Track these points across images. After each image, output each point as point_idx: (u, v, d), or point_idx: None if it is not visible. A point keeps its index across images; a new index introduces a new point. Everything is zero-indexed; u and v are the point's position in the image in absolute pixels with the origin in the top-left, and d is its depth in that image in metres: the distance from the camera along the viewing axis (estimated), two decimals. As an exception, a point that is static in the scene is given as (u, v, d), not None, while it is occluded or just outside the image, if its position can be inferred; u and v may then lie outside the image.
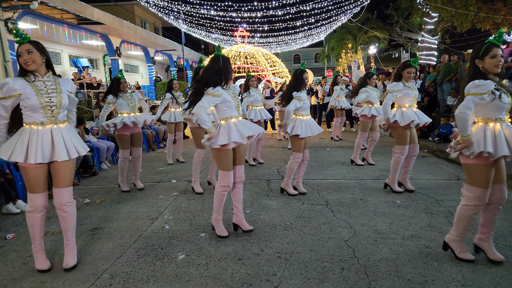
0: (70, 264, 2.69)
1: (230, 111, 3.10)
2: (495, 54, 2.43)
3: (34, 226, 2.65)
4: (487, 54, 2.44)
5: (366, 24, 22.37)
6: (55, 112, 2.58)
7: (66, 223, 2.70)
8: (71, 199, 2.70)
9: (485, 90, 2.37)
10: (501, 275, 2.43)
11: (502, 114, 2.47)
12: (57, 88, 2.60)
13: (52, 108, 2.56)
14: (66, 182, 2.65)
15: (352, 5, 14.47)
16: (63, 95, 2.62)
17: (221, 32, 16.97)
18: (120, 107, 4.69)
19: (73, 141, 2.67)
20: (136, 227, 3.50)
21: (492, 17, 15.96)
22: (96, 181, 5.52)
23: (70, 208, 2.69)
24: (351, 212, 3.76)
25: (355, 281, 2.41)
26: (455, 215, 2.65)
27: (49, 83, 2.59)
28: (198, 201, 4.29)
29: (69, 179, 2.68)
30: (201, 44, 30.76)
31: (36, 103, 2.49)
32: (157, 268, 2.68)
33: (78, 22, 11.92)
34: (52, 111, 2.56)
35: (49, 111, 2.55)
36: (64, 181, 2.65)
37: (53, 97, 2.56)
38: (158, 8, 13.76)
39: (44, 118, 2.55)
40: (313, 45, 26.34)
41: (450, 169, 5.56)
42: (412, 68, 4.19)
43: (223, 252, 2.91)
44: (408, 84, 4.24)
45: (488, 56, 2.44)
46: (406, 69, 4.19)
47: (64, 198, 2.65)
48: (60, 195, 2.64)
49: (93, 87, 12.27)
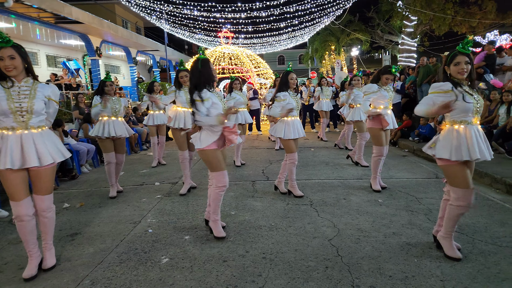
0: (50, 264, 2.70)
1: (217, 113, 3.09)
2: (459, 62, 2.56)
3: (22, 233, 2.62)
4: (452, 61, 2.60)
5: (349, 27, 22.71)
6: (26, 118, 2.51)
7: (46, 228, 2.69)
8: (51, 205, 2.68)
9: (442, 89, 2.56)
10: (478, 269, 2.51)
11: (468, 116, 2.57)
12: (31, 94, 2.53)
13: (22, 113, 2.49)
14: (45, 189, 2.61)
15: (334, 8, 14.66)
16: (36, 100, 2.53)
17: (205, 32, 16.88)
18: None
19: (48, 147, 2.59)
20: (118, 231, 3.43)
21: (468, 21, 16.51)
22: (76, 184, 5.39)
23: (50, 214, 2.68)
24: (335, 211, 3.80)
25: (338, 279, 2.44)
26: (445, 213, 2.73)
27: (24, 88, 2.52)
28: (182, 203, 4.25)
29: (48, 186, 2.64)
30: (185, 44, 30.49)
31: (6, 108, 2.43)
32: (140, 273, 2.63)
33: (55, 21, 11.59)
34: (23, 116, 2.50)
35: (19, 116, 2.48)
36: (43, 188, 2.61)
37: (24, 102, 2.49)
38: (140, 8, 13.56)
39: (14, 123, 2.49)
40: (297, 46, 26.53)
41: (430, 168, 5.70)
42: (391, 75, 4.33)
43: (207, 254, 2.88)
44: (384, 87, 4.37)
45: (452, 63, 2.60)
46: (385, 75, 4.32)
47: (44, 205, 2.63)
48: (40, 202, 2.61)
49: (72, 88, 11.98)
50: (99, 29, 13.18)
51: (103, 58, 17.59)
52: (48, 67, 15.66)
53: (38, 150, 2.54)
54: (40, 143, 2.56)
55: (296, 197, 4.33)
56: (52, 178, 2.68)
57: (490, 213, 3.61)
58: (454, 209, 2.62)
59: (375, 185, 4.52)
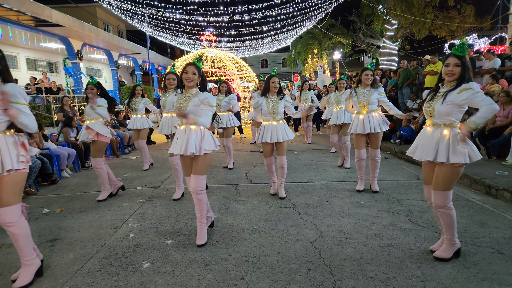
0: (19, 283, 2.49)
1: None
2: (448, 63, 2.57)
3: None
4: (444, 62, 2.62)
5: (331, 30, 23.00)
6: None
7: (15, 242, 2.49)
8: (13, 219, 2.42)
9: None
10: (458, 269, 2.56)
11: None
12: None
13: None
14: (4, 201, 2.38)
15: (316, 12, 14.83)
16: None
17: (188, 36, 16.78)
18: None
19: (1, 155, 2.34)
20: (99, 237, 3.36)
21: (447, 25, 16.96)
22: (56, 189, 5.26)
23: (13, 229, 2.42)
24: (318, 213, 3.83)
25: (320, 282, 2.45)
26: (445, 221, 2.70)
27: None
28: (165, 207, 4.20)
29: (8, 198, 2.39)
30: (168, 48, 30.25)
31: None
32: (120, 278, 2.58)
33: (35, 24, 11.33)
34: None
35: None
36: (2, 200, 2.38)
37: None
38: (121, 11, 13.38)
39: None
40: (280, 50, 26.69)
41: (411, 170, 5.82)
42: (369, 71, 4.38)
43: (189, 258, 2.86)
44: (359, 90, 4.44)
45: (444, 64, 2.62)
46: (364, 73, 4.40)
47: (4, 218, 2.39)
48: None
49: (53, 91, 11.71)
50: (80, 32, 12.95)
51: (85, 62, 17.29)
52: (28, 70, 15.28)
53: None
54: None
55: (281, 199, 4.38)
56: (11, 188, 2.41)
57: (470, 214, 3.70)
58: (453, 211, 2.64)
59: (358, 186, 4.68)
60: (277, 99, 4.25)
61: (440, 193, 2.59)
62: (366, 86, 4.41)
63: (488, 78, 7.07)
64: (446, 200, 2.59)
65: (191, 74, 3.04)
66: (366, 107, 4.41)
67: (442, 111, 2.54)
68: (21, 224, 2.48)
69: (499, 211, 3.76)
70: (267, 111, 4.25)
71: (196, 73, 3.06)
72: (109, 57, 17.83)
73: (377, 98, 4.41)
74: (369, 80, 4.36)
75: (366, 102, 4.39)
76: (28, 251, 2.56)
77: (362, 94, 4.41)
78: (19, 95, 2.39)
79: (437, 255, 2.72)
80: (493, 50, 8.27)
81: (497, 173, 4.80)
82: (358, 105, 4.43)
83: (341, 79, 6.43)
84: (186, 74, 3.04)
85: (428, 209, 3.83)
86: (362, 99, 4.40)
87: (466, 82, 2.50)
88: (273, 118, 4.27)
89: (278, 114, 4.27)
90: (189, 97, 3.08)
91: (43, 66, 16.54)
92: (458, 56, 2.54)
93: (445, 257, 2.69)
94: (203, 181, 3.14)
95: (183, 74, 3.07)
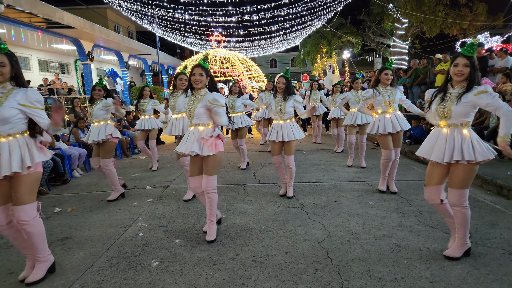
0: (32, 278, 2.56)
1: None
2: (457, 63, 2.57)
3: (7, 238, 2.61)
4: (453, 62, 2.61)
5: (340, 29, 22.89)
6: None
7: (30, 240, 2.55)
8: (27, 217, 2.46)
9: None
10: (467, 271, 2.53)
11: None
12: (1, 100, 2.39)
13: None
14: (20, 199, 2.44)
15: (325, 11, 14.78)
16: (3, 108, 2.36)
17: (197, 36, 16.88)
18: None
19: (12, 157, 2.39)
20: (109, 235, 3.41)
21: (459, 23, 16.71)
22: (67, 189, 5.35)
23: (27, 227, 2.46)
24: (326, 213, 3.82)
25: (328, 282, 2.45)
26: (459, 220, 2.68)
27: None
28: (173, 207, 4.24)
29: (24, 197, 2.45)
30: (177, 48, 30.46)
31: None
32: (130, 276, 2.62)
33: (47, 26, 11.53)
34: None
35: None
36: (18, 199, 2.45)
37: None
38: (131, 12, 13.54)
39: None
40: (289, 49, 26.67)
41: (421, 170, 5.76)
42: (389, 70, 4.32)
43: (198, 257, 2.88)
44: (381, 89, 4.35)
45: (453, 64, 2.61)
46: (383, 72, 4.34)
47: (20, 216, 2.45)
48: (15, 212, 2.47)
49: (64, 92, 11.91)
50: (91, 34, 13.14)
51: (95, 63, 17.51)
52: (40, 71, 15.55)
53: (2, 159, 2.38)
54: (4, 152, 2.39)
55: (289, 199, 4.38)
56: (28, 188, 2.48)
57: (481, 214, 3.65)
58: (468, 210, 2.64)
59: (380, 186, 4.60)
60: (284, 99, 4.26)
61: (457, 191, 2.61)
62: (386, 85, 4.35)
63: (501, 76, 6.94)
64: (462, 198, 2.61)
65: (198, 76, 3.07)
66: (392, 106, 4.36)
67: (460, 112, 2.57)
68: (36, 222, 2.53)
69: (510, 212, 3.70)
70: (275, 110, 4.31)
71: (203, 74, 3.09)
72: (119, 58, 18.04)
73: (398, 97, 4.38)
74: (389, 79, 4.30)
75: (392, 101, 4.34)
76: (43, 248, 2.62)
77: (385, 93, 4.35)
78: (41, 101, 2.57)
79: (447, 253, 2.71)
80: (506, 49, 8.12)
81: (509, 173, 4.71)
82: (384, 105, 4.35)
83: (357, 78, 6.28)
84: (194, 76, 3.08)
85: (438, 210, 3.78)
86: (388, 98, 4.33)
87: (475, 83, 2.54)
88: (280, 117, 4.30)
89: (286, 113, 4.27)
90: (198, 98, 3.13)
91: (55, 67, 16.82)
92: (467, 57, 2.54)
93: (455, 256, 2.68)
94: (213, 181, 3.19)
95: (191, 76, 3.11)
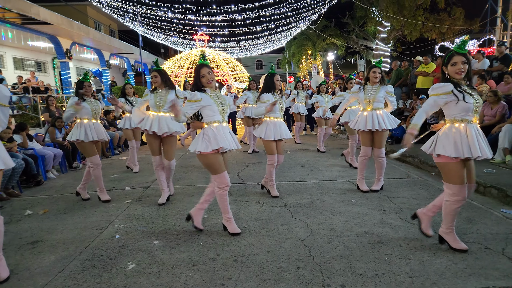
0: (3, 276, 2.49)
1: (213, 115, 3.10)
2: (455, 62, 2.58)
3: None
4: (449, 62, 2.61)
5: (325, 32, 23.07)
6: None
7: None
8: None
9: (442, 91, 2.59)
10: (446, 265, 2.53)
11: (468, 115, 2.61)
12: None
13: None
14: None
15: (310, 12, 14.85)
16: None
17: (180, 35, 16.67)
18: (82, 112, 4.29)
19: None
20: (83, 238, 3.26)
21: (438, 27, 17.13)
22: (41, 191, 5.12)
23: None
24: (309, 212, 3.78)
25: (309, 279, 2.40)
26: (442, 210, 2.76)
27: None
28: (153, 208, 4.11)
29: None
30: (161, 48, 30.08)
31: None
32: (103, 280, 2.50)
33: (22, 22, 11.13)
34: None
35: None
36: None
37: None
38: (112, 9, 13.23)
39: None
40: (275, 51, 26.68)
41: (402, 169, 5.81)
42: (377, 68, 4.32)
43: (177, 259, 2.78)
44: (368, 87, 4.37)
45: (450, 64, 2.62)
46: (371, 70, 4.35)
47: None
48: None
49: (40, 91, 11.52)
50: (69, 31, 12.76)
51: (74, 61, 17.09)
52: (15, 70, 15.04)
53: None
54: None
55: (272, 198, 4.33)
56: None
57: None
58: (451, 204, 2.67)
59: (361, 186, 4.54)
60: (280, 98, 4.31)
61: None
62: (375, 83, 4.35)
63: (477, 78, 7.10)
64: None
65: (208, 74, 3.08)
66: (371, 104, 4.35)
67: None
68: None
69: (486, 208, 3.76)
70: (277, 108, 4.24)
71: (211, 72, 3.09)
72: (100, 56, 17.63)
73: (383, 96, 4.35)
74: (377, 77, 4.31)
75: (372, 99, 4.34)
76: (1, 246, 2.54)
77: (369, 91, 4.36)
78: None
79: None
80: (483, 52, 8.33)
81: (485, 170, 4.80)
82: (364, 102, 4.38)
83: (350, 78, 6.25)
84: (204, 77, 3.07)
85: (418, 207, 3.77)
86: (368, 96, 4.35)
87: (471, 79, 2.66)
88: (280, 116, 4.33)
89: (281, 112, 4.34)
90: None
91: (31, 66, 16.28)
92: (463, 54, 2.57)
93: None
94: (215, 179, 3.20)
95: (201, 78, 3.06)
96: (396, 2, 15.40)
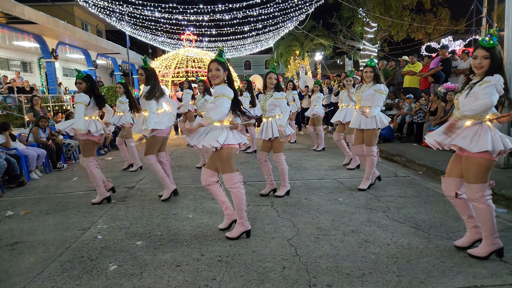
0: None
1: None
2: (476, 56, 2.42)
3: None
4: (472, 54, 2.49)
5: (312, 32, 23.17)
6: None
7: None
8: None
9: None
10: (433, 264, 2.52)
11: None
12: None
13: None
14: None
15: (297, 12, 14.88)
16: None
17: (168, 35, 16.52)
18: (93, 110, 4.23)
19: None
20: (64, 239, 3.17)
21: (424, 27, 17.37)
22: (23, 191, 4.99)
23: None
24: (296, 211, 3.75)
25: (295, 279, 2.36)
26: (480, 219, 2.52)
27: None
28: (138, 208, 4.03)
29: None
30: (148, 48, 29.79)
31: None
32: (83, 282, 2.42)
33: (7, 21, 10.89)
34: None
35: None
36: None
37: None
38: (99, 9, 13.03)
39: None
40: (263, 51, 26.75)
41: (390, 167, 5.83)
42: (367, 68, 4.32)
43: (160, 260, 2.72)
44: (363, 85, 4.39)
45: (472, 56, 2.48)
46: (363, 70, 4.39)
47: None
48: None
49: (25, 91, 11.28)
50: (55, 30, 12.54)
51: (61, 61, 16.79)
52: (1, 69, 14.69)
53: None
54: None
55: (259, 197, 4.30)
56: None
57: (445, 208, 3.69)
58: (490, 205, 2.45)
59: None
60: (267, 97, 4.21)
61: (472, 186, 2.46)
62: (368, 82, 4.36)
63: (463, 77, 7.21)
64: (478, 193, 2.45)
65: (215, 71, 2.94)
66: (359, 102, 4.40)
67: (466, 103, 2.46)
68: None
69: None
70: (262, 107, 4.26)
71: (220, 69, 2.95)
72: (87, 56, 17.36)
73: (371, 94, 4.29)
74: (368, 76, 4.29)
75: (360, 97, 4.38)
76: None
77: (362, 89, 4.39)
78: None
79: (472, 252, 2.59)
80: (468, 51, 8.45)
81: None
82: (356, 99, 4.46)
83: (348, 76, 6.21)
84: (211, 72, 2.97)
85: (405, 205, 3.81)
86: (358, 94, 4.41)
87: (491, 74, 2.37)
88: (264, 115, 4.28)
89: (266, 111, 4.23)
90: None
91: (17, 66, 15.94)
92: (487, 48, 2.37)
93: (480, 256, 2.54)
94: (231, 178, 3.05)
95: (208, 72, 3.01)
96: (383, 2, 15.55)
